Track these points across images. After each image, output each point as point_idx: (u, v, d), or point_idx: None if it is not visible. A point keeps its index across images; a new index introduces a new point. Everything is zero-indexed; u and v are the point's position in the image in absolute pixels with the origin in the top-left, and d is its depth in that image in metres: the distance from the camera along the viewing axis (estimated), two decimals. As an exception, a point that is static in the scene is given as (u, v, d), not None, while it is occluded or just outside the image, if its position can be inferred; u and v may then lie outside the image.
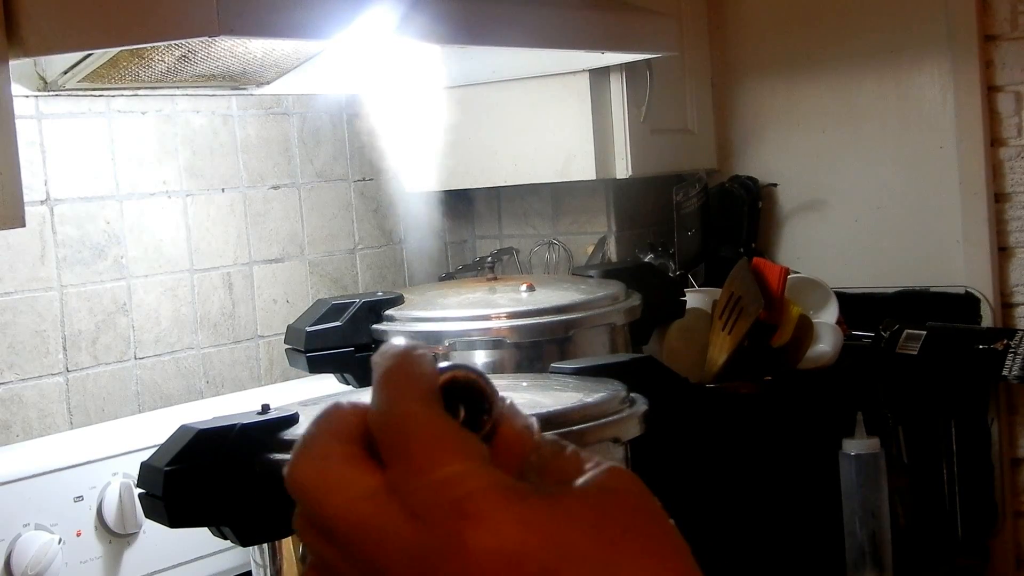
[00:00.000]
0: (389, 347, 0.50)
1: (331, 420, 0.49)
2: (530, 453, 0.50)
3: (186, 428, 1.29)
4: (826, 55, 2.43)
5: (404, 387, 0.48)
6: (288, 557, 1.33)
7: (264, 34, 1.45)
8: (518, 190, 2.39)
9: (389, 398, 0.48)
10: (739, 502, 1.94)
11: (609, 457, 1.39)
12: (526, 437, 0.50)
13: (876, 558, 1.93)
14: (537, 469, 0.49)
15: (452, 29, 1.59)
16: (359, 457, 0.48)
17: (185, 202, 1.92)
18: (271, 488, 1.29)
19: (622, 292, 1.90)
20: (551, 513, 0.45)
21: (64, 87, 1.64)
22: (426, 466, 0.46)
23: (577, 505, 0.46)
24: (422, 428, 0.47)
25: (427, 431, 0.47)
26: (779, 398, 2.01)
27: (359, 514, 0.47)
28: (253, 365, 2.00)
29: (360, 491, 0.47)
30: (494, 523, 0.44)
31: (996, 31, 2.27)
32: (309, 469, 0.49)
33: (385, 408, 0.48)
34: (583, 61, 2.04)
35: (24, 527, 1.44)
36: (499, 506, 0.45)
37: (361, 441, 0.49)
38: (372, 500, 0.47)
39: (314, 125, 2.14)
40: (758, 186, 2.46)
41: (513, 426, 0.50)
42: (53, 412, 1.72)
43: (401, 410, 0.48)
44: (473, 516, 0.45)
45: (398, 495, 0.46)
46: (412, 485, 0.46)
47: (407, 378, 0.49)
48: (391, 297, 1.85)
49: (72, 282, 1.75)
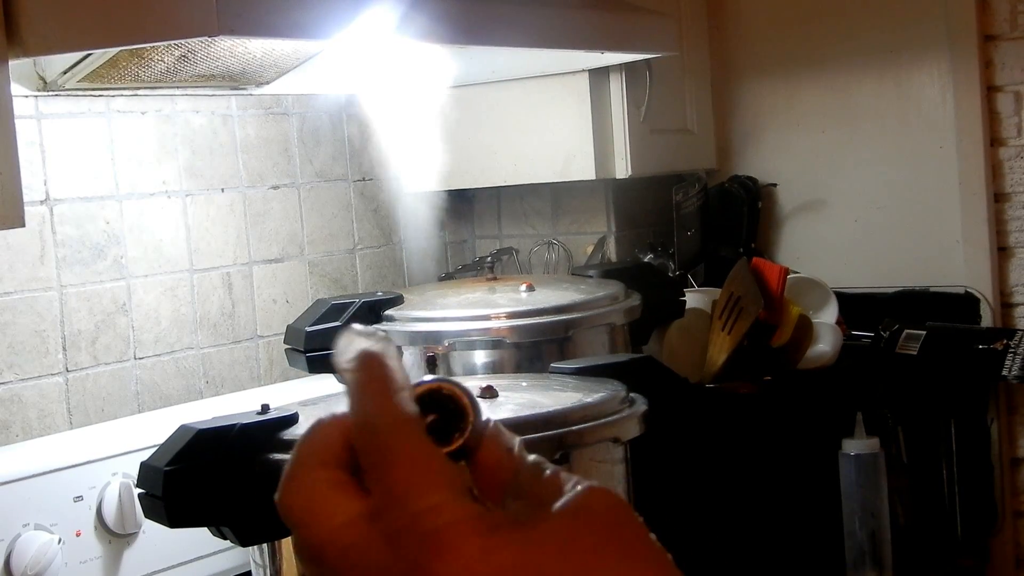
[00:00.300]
0: (351, 348, 0.52)
1: (314, 444, 0.51)
2: (511, 477, 0.51)
3: (186, 428, 1.29)
4: (826, 55, 2.42)
5: (382, 401, 0.50)
6: (288, 557, 1.33)
7: (264, 34, 1.45)
8: (518, 190, 2.39)
9: (368, 412, 0.49)
10: (739, 502, 1.94)
11: (609, 457, 1.39)
12: (507, 461, 0.52)
13: (876, 558, 1.93)
14: (517, 493, 0.51)
15: (452, 29, 1.59)
16: (342, 483, 0.50)
17: (185, 202, 1.92)
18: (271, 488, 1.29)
19: (622, 292, 1.90)
20: (522, 540, 0.47)
21: (64, 87, 1.64)
22: (403, 496, 0.48)
23: (548, 529, 0.47)
24: (403, 455, 0.48)
25: (408, 458, 0.48)
26: (779, 398, 2.01)
27: (343, 541, 0.48)
28: (253, 365, 2.00)
29: (344, 518, 0.48)
30: (462, 556, 0.46)
31: (996, 31, 2.27)
32: (296, 497, 0.50)
33: (365, 423, 0.49)
34: (583, 61, 2.04)
35: (24, 527, 1.44)
36: (468, 540, 0.46)
37: (345, 464, 0.50)
38: (355, 527, 0.48)
39: (314, 125, 2.14)
40: (758, 186, 2.46)
41: (496, 449, 0.52)
42: (53, 412, 1.72)
43: (382, 428, 0.49)
44: (443, 548, 0.46)
45: (380, 522, 0.48)
46: (392, 515, 0.48)
47: (383, 391, 0.50)
48: (391, 297, 1.85)
49: (72, 282, 1.75)
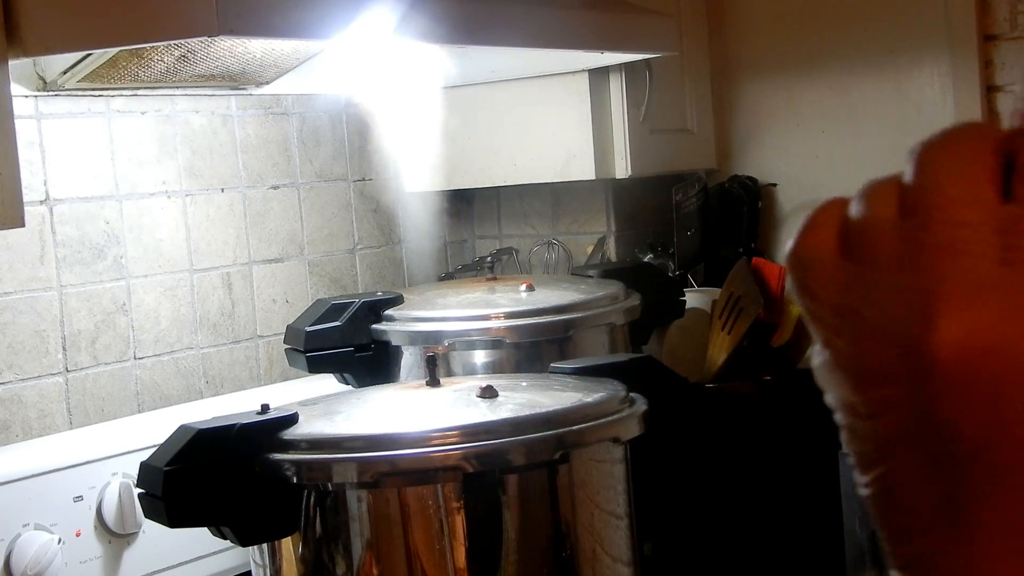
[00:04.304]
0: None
1: (974, 127, 0.42)
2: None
3: (186, 428, 1.29)
4: (826, 55, 2.42)
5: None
6: (288, 557, 1.33)
7: (264, 34, 1.45)
8: (518, 190, 2.39)
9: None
10: (739, 502, 1.94)
11: (609, 457, 1.39)
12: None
13: (876, 558, 1.93)
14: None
15: (452, 29, 1.59)
16: (993, 172, 0.41)
17: (184, 202, 1.92)
18: (271, 488, 1.29)
19: (622, 292, 1.90)
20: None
21: (63, 87, 1.64)
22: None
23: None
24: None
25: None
26: (779, 398, 2.01)
27: (951, 226, 0.40)
28: (253, 365, 2.00)
29: (979, 200, 0.40)
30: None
31: (996, 31, 2.27)
32: (951, 161, 0.41)
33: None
34: (583, 61, 2.04)
35: (24, 527, 1.44)
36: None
37: (1001, 158, 0.41)
38: (981, 216, 0.40)
39: (313, 125, 2.14)
40: (758, 186, 2.46)
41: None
42: (53, 412, 1.72)
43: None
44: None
45: (1006, 232, 0.40)
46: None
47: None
48: (391, 297, 1.85)
49: (72, 282, 1.75)
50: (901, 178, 0.43)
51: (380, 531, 1.29)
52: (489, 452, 1.28)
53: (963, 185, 0.41)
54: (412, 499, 1.29)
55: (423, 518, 1.29)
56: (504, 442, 1.28)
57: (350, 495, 1.29)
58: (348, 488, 1.29)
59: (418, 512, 1.29)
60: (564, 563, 1.33)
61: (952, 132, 0.42)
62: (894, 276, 0.41)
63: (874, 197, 0.43)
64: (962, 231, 0.40)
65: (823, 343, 0.44)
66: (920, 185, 0.42)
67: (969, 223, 0.40)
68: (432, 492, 1.28)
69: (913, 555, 0.42)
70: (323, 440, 1.30)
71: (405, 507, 1.29)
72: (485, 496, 1.30)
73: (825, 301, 0.43)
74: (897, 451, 0.42)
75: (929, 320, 0.40)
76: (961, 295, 0.40)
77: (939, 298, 0.40)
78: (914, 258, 0.41)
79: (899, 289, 0.41)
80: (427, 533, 1.29)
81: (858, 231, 0.42)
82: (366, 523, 1.29)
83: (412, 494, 1.29)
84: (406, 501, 1.29)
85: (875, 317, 0.41)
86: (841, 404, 0.44)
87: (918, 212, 0.41)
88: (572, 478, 1.33)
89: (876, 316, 0.41)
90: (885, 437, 0.42)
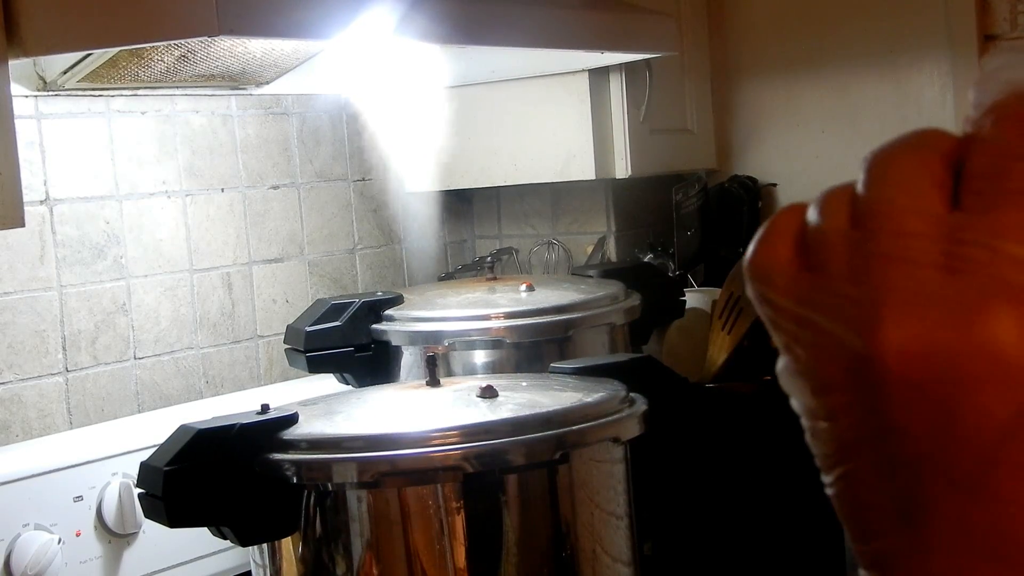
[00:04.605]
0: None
1: (925, 135, 0.43)
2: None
3: (186, 428, 1.29)
4: (826, 55, 2.42)
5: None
6: (288, 557, 1.33)
7: (264, 34, 1.45)
8: (518, 190, 2.39)
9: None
10: (739, 502, 1.94)
11: (609, 457, 1.39)
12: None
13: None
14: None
15: (452, 29, 1.59)
16: (941, 181, 0.41)
17: (184, 202, 1.92)
18: (271, 488, 1.29)
19: (621, 292, 1.90)
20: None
21: (63, 87, 1.64)
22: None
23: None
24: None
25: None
26: (779, 398, 2.00)
27: (897, 236, 0.41)
28: (253, 365, 2.00)
29: (924, 210, 0.40)
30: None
31: (996, 31, 2.27)
32: (898, 172, 0.42)
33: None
34: (582, 61, 2.04)
35: (24, 527, 1.44)
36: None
37: (950, 167, 0.41)
38: (926, 226, 0.40)
39: (313, 125, 2.14)
40: (758, 186, 2.46)
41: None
42: (53, 412, 1.72)
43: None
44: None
45: (950, 240, 0.40)
46: (979, 238, 0.39)
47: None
48: (391, 297, 1.85)
49: (72, 282, 1.75)
50: (855, 186, 0.43)
51: (380, 531, 1.29)
52: (489, 452, 1.28)
53: (909, 195, 0.41)
54: (412, 499, 1.29)
55: (423, 518, 1.29)
56: (504, 442, 1.28)
57: (350, 495, 1.29)
58: (348, 488, 1.29)
59: (418, 512, 1.29)
60: (564, 563, 1.34)
61: (902, 141, 0.43)
62: (845, 285, 0.41)
63: (827, 206, 0.44)
64: (907, 240, 0.41)
65: (783, 349, 0.45)
66: (869, 195, 0.42)
67: (914, 233, 0.41)
68: (432, 492, 1.28)
69: (876, 554, 0.43)
70: (323, 440, 1.30)
71: (405, 507, 1.29)
72: (485, 496, 1.30)
73: (782, 309, 0.43)
74: (854, 453, 0.43)
75: (875, 328, 0.40)
76: (905, 303, 0.40)
77: (885, 306, 0.40)
78: (863, 267, 0.41)
79: (850, 298, 0.41)
80: (427, 533, 1.29)
81: (813, 240, 0.43)
82: (366, 523, 1.29)
83: (412, 494, 1.29)
84: (406, 501, 1.29)
85: (829, 325, 0.42)
86: (802, 408, 0.45)
87: (867, 222, 0.42)
88: (572, 478, 1.33)
89: (829, 324, 0.42)
90: (842, 440, 0.43)
